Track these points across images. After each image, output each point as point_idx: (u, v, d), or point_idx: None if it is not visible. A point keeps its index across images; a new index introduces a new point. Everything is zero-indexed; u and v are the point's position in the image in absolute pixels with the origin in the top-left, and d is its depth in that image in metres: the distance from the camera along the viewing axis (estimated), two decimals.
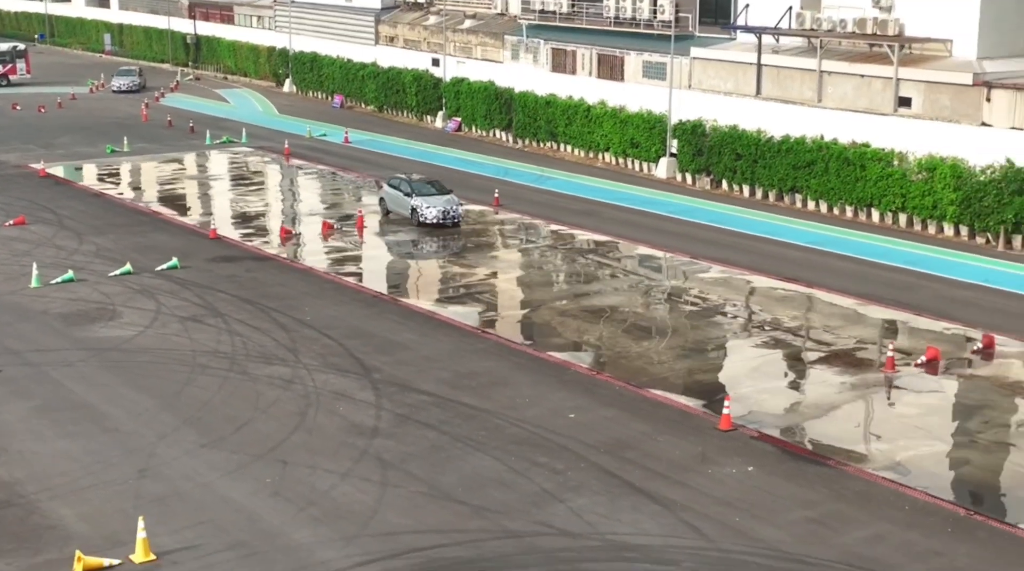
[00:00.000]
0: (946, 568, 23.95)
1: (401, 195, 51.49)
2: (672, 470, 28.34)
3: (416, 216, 50.69)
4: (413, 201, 50.62)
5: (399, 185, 52.08)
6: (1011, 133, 49.23)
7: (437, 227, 50.95)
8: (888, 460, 29.52)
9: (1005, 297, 42.31)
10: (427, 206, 50.46)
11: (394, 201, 51.91)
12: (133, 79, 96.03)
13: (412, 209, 50.69)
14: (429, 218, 50.32)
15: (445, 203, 50.64)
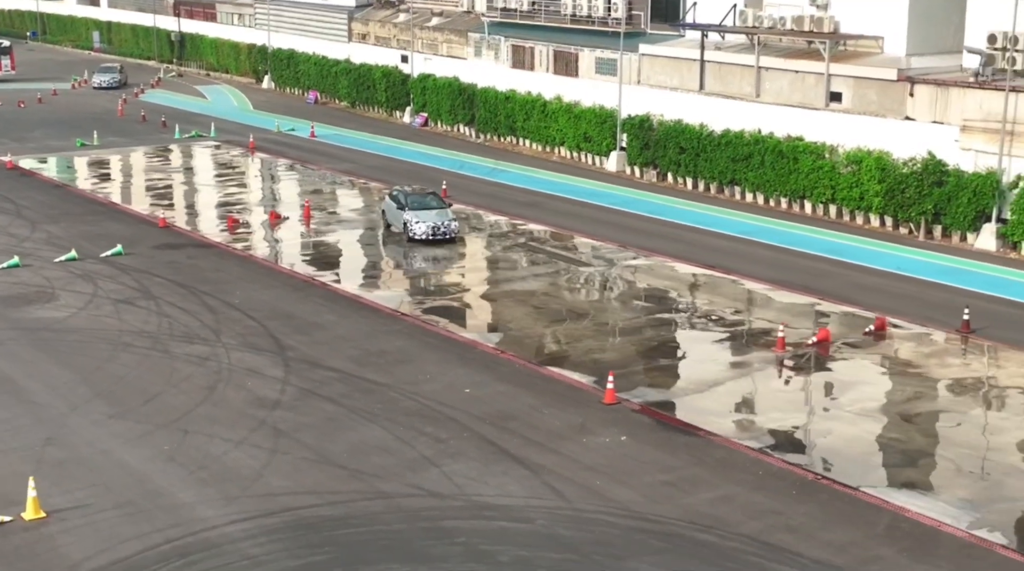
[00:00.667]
0: (780, 525, 25.58)
1: (395, 208, 49.74)
2: (549, 439, 30.08)
3: (407, 231, 48.71)
4: (405, 215, 48.69)
5: (397, 197, 50.16)
6: (932, 127, 50.94)
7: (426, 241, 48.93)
8: (755, 431, 31.30)
9: (913, 284, 44.14)
10: (416, 221, 48.42)
11: (392, 214, 50.11)
12: (113, 76, 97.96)
13: (405, 223, 48.75)
14: (418, 234, 48.42)
15: (436, 218, 48.45)
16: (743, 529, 25.47)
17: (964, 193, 48.36)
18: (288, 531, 25.13)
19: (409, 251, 47.96)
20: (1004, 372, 35.24)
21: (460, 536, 25.08)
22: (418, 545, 24.57)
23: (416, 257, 47.26)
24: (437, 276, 45.54)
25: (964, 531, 25.39)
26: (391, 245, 49.97)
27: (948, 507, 26.54)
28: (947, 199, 48.96)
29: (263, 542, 24.75)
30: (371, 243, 50.59)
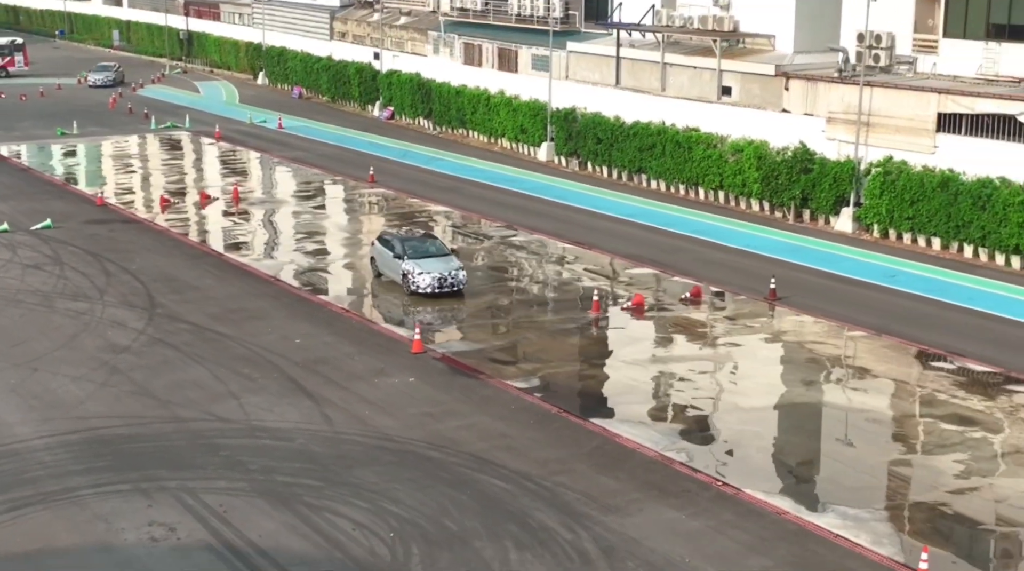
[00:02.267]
0: (502, 446, 30.27)
1: (391, 256, 43.35)
2: (346, 379, 34.92)
3: (408, 283, 42.45)
4: (404, 265, 42.39)
5: (390, 243, 43.75)
6: (804, 118, 55.26)
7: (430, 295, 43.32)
8: (530, 376, 35.65)
9: (755, 259, 48.77)
10: (420, 272, 42.04)
11: (384, 263, 43.92)
12: (108, 74, 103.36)
13: (403, 274, 42.43)
14: (422, 286, 42.00)
15: (441, 267, 42.27)
16: (469, 448, 30.10)
17: (826, 179, 52.63)
18: (83, 445, 30.09)
19: (410, 306, 42.71)
20: (773, 331, 39.99)
21: (225, 451, 29.82)
22: (187, 456, 29.43)
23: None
24: (322, 249, 49.96)
25: (656, 452, 29.86)
26: (385, 297, 44.34)
27: (657, 435, 31.02)
28: (812, 185, 53.23)
29: (58, 452, 29.69)
30: (285, 222, 55.98)
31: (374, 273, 45.05)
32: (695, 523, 25.99)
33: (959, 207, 47.19)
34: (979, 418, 31.97)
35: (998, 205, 45.81)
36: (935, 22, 52.09)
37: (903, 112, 50.25)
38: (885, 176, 49.82)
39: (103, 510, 26.30)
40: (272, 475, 28.17)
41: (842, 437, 31.18)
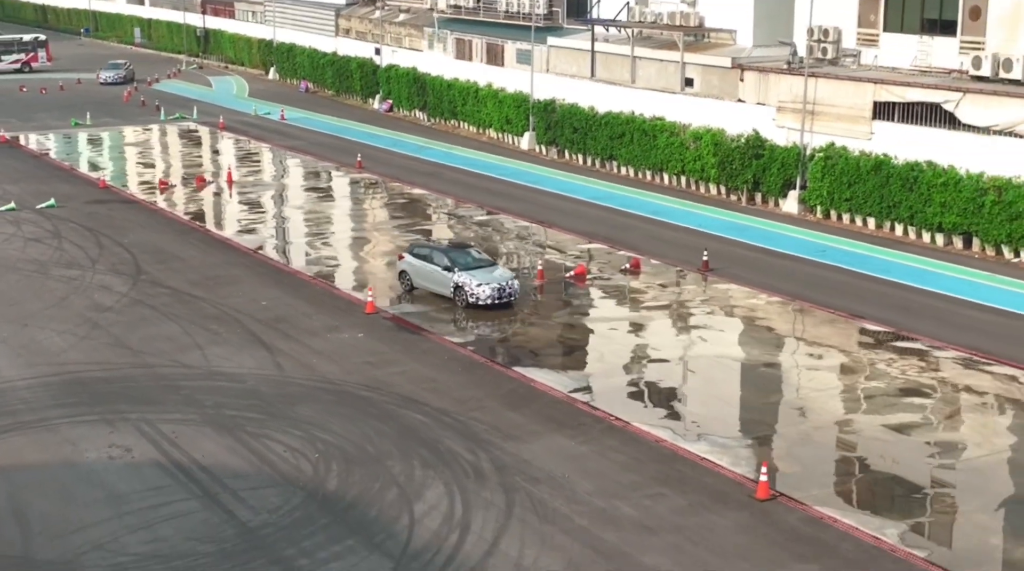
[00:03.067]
0: (428, 388, 34.36)
1: (438, 270, 42.06)
2: (301, 334, 39.26)
3: (462, 295, 41.20)
4: (457, 277, 41.23)
5: (430, 256, 42.51)
6: (757, 107, 59.42)
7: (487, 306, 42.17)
8: (469, 333, 39.65)
9: (701, 237, 52.58)
10: (477, 284, 40.92)
11: (424, 276, 42.59)
12: (119, 72, 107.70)
13: (456, 286, 41.25)
14: (482, 298, 40.83)
15: (499, 279, 41.38)
16: (399, 390, 34.38)
17: (775, 164, 56.75)
18: (60, 385, 34.51)
19: (467, 319, 41.73)
20: (696, 296, 43.99)
21: (184, 391, 34.22)
22: (150, 395, 33.85)
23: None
24: (301, 226, 54.86)
25: (564, 393, 34.19)
26: (435, 307, 42.59)
27: (568, 381, 35.21)
28: (763, 169, 57.35)
29: (37, 391, 34.12)
30: (272, 203, 60.18)
31: (405, 287, 43.75)
32: (582, 448, 30.16)
33: (890, 189, 51.14)
34: (858, 368, 36.06)
35: (923, 186, 49.69)
36: (876, 17, 55.96)
37: (843, 101, 54.26)
38: (826, 161, 53.80)
39: (71, 435, 30.68)
40: (222, 409, 32.53)
41: (733, 382, 35.55)
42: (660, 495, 27.55)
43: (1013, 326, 39.48)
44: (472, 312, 41.36)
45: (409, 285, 43.35)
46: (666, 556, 24.74)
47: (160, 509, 26.61)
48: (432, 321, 40.97)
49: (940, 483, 28.60)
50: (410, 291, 43.25)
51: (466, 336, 39.00)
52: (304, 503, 26.96)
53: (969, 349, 37.12)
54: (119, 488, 27.63)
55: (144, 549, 24.86)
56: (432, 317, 41.09)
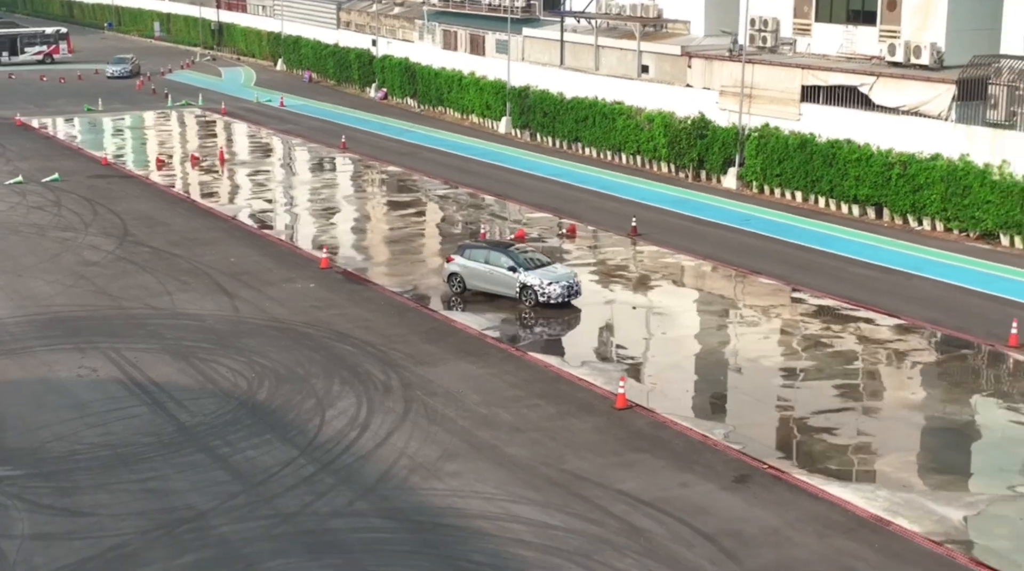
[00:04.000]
0: (362, 326, 39.63)
1: (498, 270, 42.21)
2: (260, 284, 44.90)
3: (530, 295, 41.41)
4: (524, 277, 41.46)
5: (487, 257, 42.67)
6: (703, 92, 64.97)
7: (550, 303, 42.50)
8: (407, 285, 45.21)
9: (640, 208, 57.32)
10: (548, 282, 41.24)
11: (482, 277, 42.68)
12: (125, 66, 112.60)
13: (523, 286, 41.47)
14: (553, 297, 41.20)
15: (566, 277, 41.92)
16: (336, 327, 39.94)
17: (717, 144, 62.27)
18: (44, 322, 40.28)
19: (534, 317, 42.01)
20: (621, 255, 49.20)
21: (151, 326, 40.01)
22: (120, 329, 39.56)
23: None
24: (280, 197, 60.46)
25: (477, 331, 39.90)
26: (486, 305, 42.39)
27: (485, 321, 40.81)
28: (707, 149, 62.88)
29: (24, 325, 39.91)
30: (256, 178, 65.67)
31: (456, 289, 43.46)
32: (481, 371, 35.71)
33: (813, 165, 56.62)
34: (745, 313, 41.69)
35: (841, 162, 55.19)
36: (809, 9, 61.40)
37: (776, 85, 59.75)
38: (760, 140, 59.29)
39: (48, 359, 36.44)
40: (180, 341, 38.27)
41: (625, 322, 40.87)
42: (536, 405, 32.98)
43: (889, 280, 44.82)
44: (423, 268, 46.89)
45: (461, 287, 42.96)
46: (527, 449, 30.19)
47: (114, 413, 32.25)
48: (376, 274, 46.72)
49: (779, 398, 34.47)
50: (461, 293, 43.02)
51: (405, 286, 44.24)
52: (235, 409, 32.62)
53: (841, 297, 42.45)
54: (83, 398, 33.32)
55: (97, 440, 30.51)
56: (381, 271, 46.87)
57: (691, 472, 28.89)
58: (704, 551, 25.03)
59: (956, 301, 42.08)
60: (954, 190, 50.11)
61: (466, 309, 42.26)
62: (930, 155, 51.35)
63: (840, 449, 30.52)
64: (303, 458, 29.36)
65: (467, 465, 29.23)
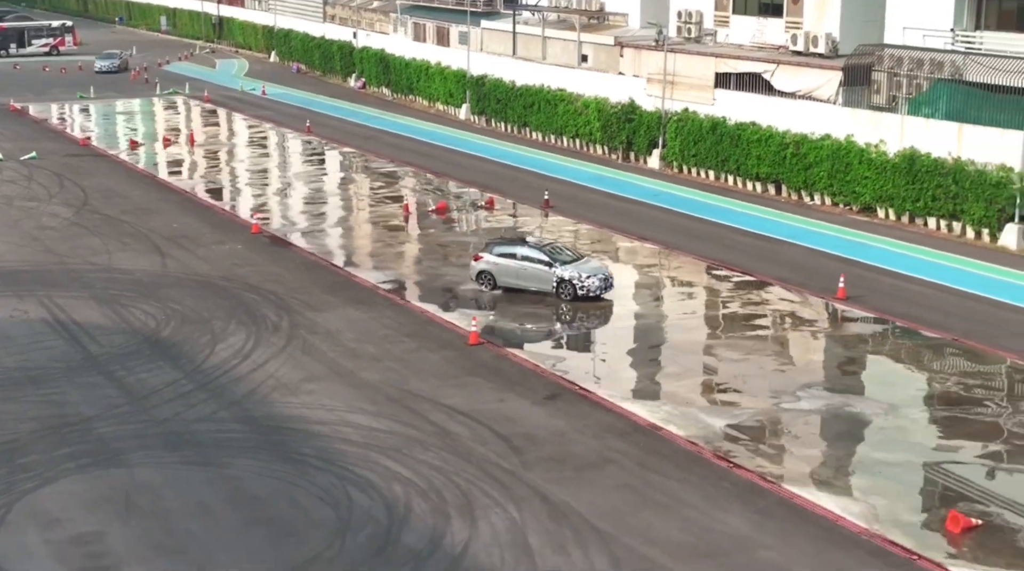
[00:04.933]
0: (273, 280, 44.67)
1: (531, 266, 42.71)
2: (194, 246, 50.10)
3: (568, 289, 41.96)
4: (561, 272, 42.06)
5: (515, 254, 43.48)
6: (633, 79, 70.32)
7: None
8: (325, 248, 50.50)
9: (564, 185, 62.36)
10: (587, 276, 42.07)
11: (514, 273, 43.12)
12: (113, 61, 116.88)
13: (560, 281, 42.01)
14: (592, 290, 41.96)
15: (601, 270, 43.14)
16: (248, 281, 45.03)
17: (643, 127, 67.59)
18: None
19: (569, 310, 42.69)
20: (527, 224, 53.87)
21: (85, 279, 45.33)
22: (57, 281, 44.83)
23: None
24: (236, 171, 65.64)
25: (371, 283, 45.35)
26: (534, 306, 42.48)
27: (382, 276, 46.33)
28: (634, 131, 68.26)
29: None
30: (219, 157, 71.05)
31: (487, 287, 43.98)
32: (364, 316, 40.95)
33: (722, 145, 61.86)
34: (631, 274, 46.83)
35: (745, 143, 60.46)
36: (727, 2, 66.67)
37: (694, 73, 64.99)
38: (679, 123, 64.56)
39: None
40: (107, 291, 43.66)
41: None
42: (401, 342, 38.28)
43: (763, 247, 49.98)
44: (347, 237, 52.53)
45: (492, 284, 43.39)
46: (379, 374, 35.46)
47: (34, 345, 37.69)
48: (299, 237, 51.68)
49: (612, 336, 39.54)
50: (492, 289, 43.50)
51: (323, 248, 50.04)
52: (139, 343, 38.00)
53: (710, 258, 47.71)
54: (11, 333, 38.75)
55: (13, 365, 35.89)
56: (304, 236, 51.79)
57: (512, 392, 33.94)
58: (496, 447, 30.08)
59: (813, 263, 47.23)
60: (838, 167, 55.18)
61: (366, 265, 48.01)
62: (820, 136, 56.11)
63: (647, 376, 36.00)
64: (186, 380, 34.66)
65: (323, 386, 34.33)
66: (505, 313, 40.97)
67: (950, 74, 52.64)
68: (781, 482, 28.23)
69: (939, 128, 51.64)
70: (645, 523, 26.20)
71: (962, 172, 49.82)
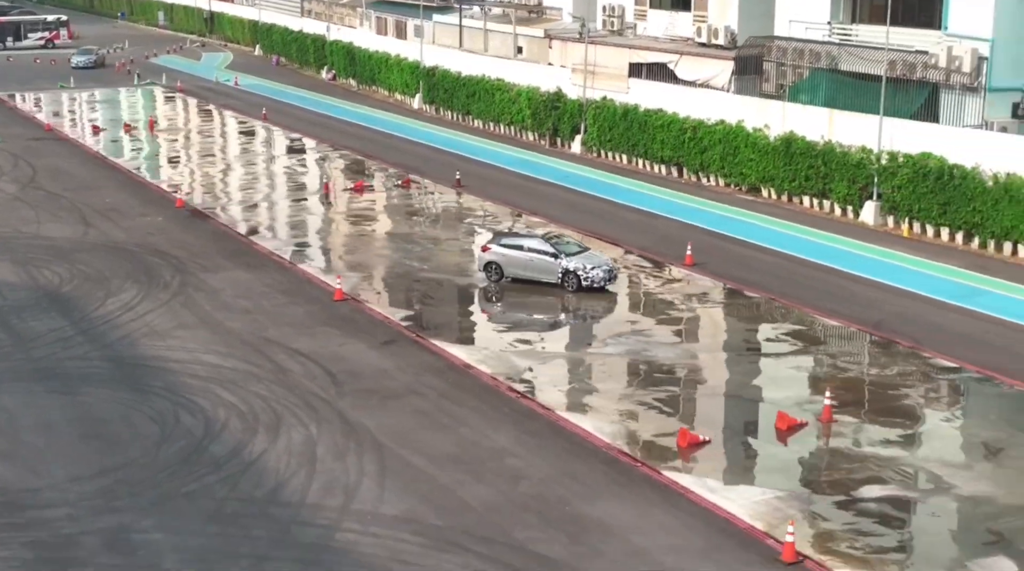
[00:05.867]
0: (183, 247, 48.87)
1: (537, 257, 43.45)
2: (119, 218, 54.44)
3: (573, 280, 42.71)
4: (567, 263, 42.79)
5: (522, 245, 44.32)
6: (560, 69, 74.87)
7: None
8: (235, 218, 55.05)
9: (485, 167, 66.69)
10: (591, 267, 42.71)
11: (521, 265, 43.74)
12: (90, 57, 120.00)
13: (566, 272, 42.72)
14: (596, 281, 42.66)
15: (605, 261, 43.83)
16: (159, 247, 49.33)
17: (567, 114, 72.24)
18: None
19: (574, 301, 43.43)
20: (434, 201, 58.47)
21: (11, 245, 49.37)
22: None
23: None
24: (193, 159, 70.41)
25: (268, 249, 49.94)
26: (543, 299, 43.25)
27: (280, 244, 51.09)
28: (560, 118, 72.96)
29: None
30: (173, 141, 75.56)
31: (493, 278, 44.68)
32: (250, 277, 45.30)
33: (632, 131, 66.44)
34: (485, 236, 51.24)
35: (651, 128, 65.06)
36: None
37: (611, 63, 69.50)
38: (597, 111, 69.20)
39: None
40: (27, 255, 48.31)
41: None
42: (274, 298, 42.69)
43: (640, 221, 54.13)
44: (264, 213, 56.77)
45: (499, 275, 44.07)
46: (244, 324, 39.87)
47: None
48: (218, 211, 55.91)
49: (460, 295, 43.95)
50: (499, 280, 44.22)
51: (236, 221, 54.39)
52: (39, 297, 42.51)
53: (590, 231, 52.04)
54: None
55: None
56: (227, 211, 56.30)
57: (354, 338, 38.37)
58: (321, 382, 34.54)
59: (681, 236, 51.16)
60: (728, 151, 59.62)
61: (269, 235, 52.32)
62: (715, 121, 60.62)
63: (482, 325, 40.74)
64: (71, 327, 39.20)
65: (190, 333, 38.82)
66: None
67: (826, 64, 56.91)
68: (557, 410, 32.30)
69: (814, 114, 55.86)
70: (423, 439, 30.40)
71: (830, 154, 53.95)
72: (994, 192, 46.97)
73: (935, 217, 49.30)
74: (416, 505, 26.75)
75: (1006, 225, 46.73)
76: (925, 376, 35.23)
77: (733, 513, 26.60)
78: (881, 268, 45.69)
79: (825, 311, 41.31)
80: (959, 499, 27.72)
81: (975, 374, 35.06)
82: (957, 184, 48.19)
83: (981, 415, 33.49)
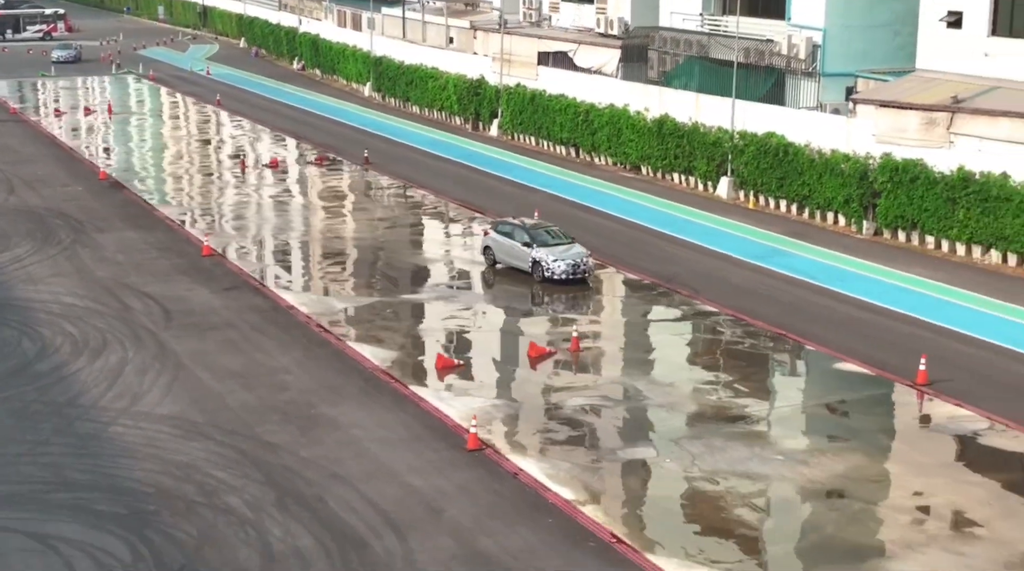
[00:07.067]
0: (86, 213, 54.32)
1: (517, 245, 43.91)
2: (42, 187, 59.36)
3: (539, 270, 42.97)
4: (535, 253, 43.06)
5: (512, 233, 44.36)
6: (483, 58, 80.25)
7: (562, 281, 43.94)
8: (148, 188, 60.35)
9: (398, 147, 71.74)
10: (553, 259, 42.65)
11: (506, 251, 44.58)
12: (70, 52, 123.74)
13: (534, 262, 43.13)
14: (557, 273, 42.48)
15: (575, 256, 43.04)
16: (66, 212, 54.49)
17: (486, 100, 77.81)
18: None
19: (542, 292, 43.73)
20: (344, 180, 63.51)
21: None
22: None
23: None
24: (148, 144, 75.98)
25: (166, 216, 56.06)
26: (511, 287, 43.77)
27: (178, 211, 57.10)
28: (480, 104, 78.56)
29: None
30: (124, 123, 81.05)
31: (488, 262, 45.72)
32: (137, 237, 50.55)
33: (538, 115, 71.82)
34: (375, 211, 56.79)
35: (552, 112, 70.47)
36: None
37: (524, 52, 75.00)
38: (509, 96, 74.73)
39: None
40: None
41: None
42: (148, 253, 47.61)
43: (519, 195, 58.71)
44: (183, 185, 62.09)
45: (492, 260, 45.19)
46: (111, 273, 45.02)
47: None
48: (156, 194, 61.28)
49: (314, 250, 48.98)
50: (493, 265, 45.26)
51: (146, 190, 59.94)
52: None
53: (460, 200, 57.43)
54: None
55: None
56: (160, 192, 61.61)
57: (202, 284, 43.58)
58: (156, 318, 39.66)
59: (546, 208, 55.41)
60: (614, 132, 64.98)
61: (179, 208, 57.41)
62: (605, 105, 66.02)
63: (319, 276, 45.91)
64: None
65: (62, 280, 44.05)
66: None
67: (697, 52, 62.15)
68: (346, 340, 37.71)
69: (684, 97, 61.09)
70: (218, 361, 35.56)
71: (694, 134, 59.13)
72: (819, 166, 51.85)
73: (774, 190, 54.28)
74: (186, 408, 31.89)
75: (828, 196, 51.66)
76: (682, 318, 40.37)
77: (447, 414, 31.41)
78: (703, 232, 50.63)
79: (630, 266, 46.24)
80: (646, 408, 32.69)
81: (727, 316, 39.81)
82: (791, 160, 53.09)
83: (702, 345, 38.31)
